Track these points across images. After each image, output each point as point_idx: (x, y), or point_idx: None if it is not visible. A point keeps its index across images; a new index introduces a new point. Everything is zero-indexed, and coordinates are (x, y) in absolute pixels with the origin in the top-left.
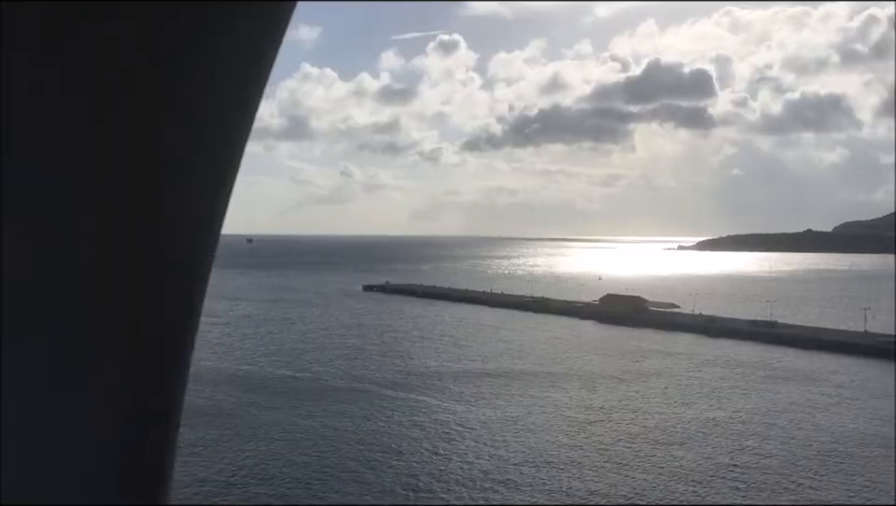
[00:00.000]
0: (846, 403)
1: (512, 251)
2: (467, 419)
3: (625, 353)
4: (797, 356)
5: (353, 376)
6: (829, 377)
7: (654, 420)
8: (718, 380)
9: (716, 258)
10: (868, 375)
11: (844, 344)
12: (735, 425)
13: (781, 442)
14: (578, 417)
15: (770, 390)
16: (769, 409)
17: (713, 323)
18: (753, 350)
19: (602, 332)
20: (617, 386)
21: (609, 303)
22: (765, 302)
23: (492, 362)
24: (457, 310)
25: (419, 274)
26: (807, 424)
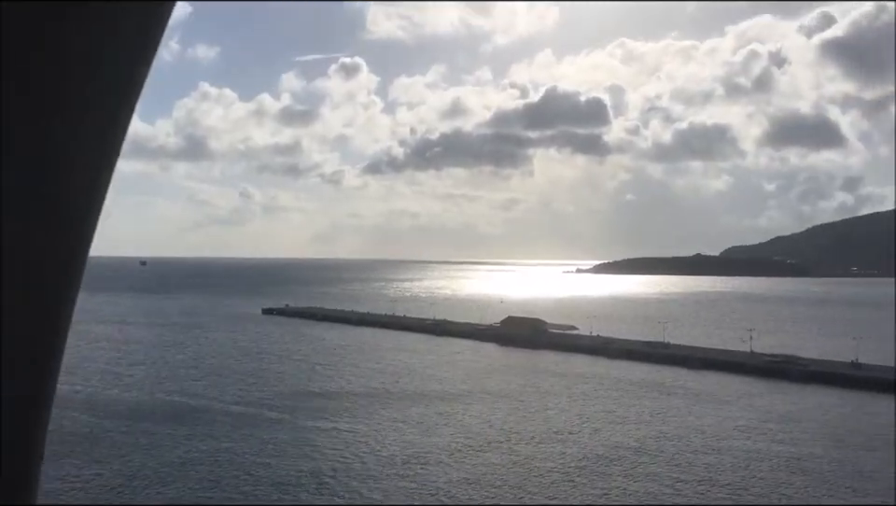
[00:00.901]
0: (730, 420)
1: (414, 274)
2: (361, 441)
3: (523, 374)
4: (688, 375)
5: (247, 401)
6: (717, 395)
7: (549, 440)
8: (612, 399)
9: (612, 280)
10: (752, 393)
11: (731, 364)
12: (629, 443)
13: (670, 460)
14: (474, 438)
15: (661, 409)
16: (660, 430)
17: (610, 344)
18: (647, 370)
19: (502, 354)
20: (513, 406)
21: (509, 326)
22: (659, 323)
23: (390, 384)
24: (359, 333)
25: (320, 297)
26: (696, 441)
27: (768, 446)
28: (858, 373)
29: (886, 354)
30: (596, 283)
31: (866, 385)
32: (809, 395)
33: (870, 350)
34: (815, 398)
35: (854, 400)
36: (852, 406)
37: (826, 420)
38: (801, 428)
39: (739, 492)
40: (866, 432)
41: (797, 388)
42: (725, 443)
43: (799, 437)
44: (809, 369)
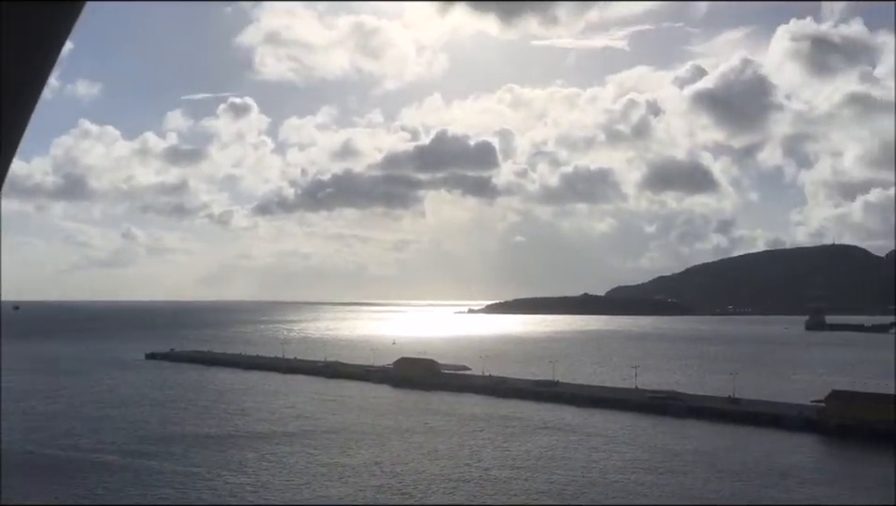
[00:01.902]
0: (616, 455)
1: (305, 316)
2: (234, 485)
3: (415, 415)
4: (577, 413)
5: (124, 451)
6: (603, 432)
7: (439, 480)
8: (503, 438)
9: (503, 320)
10: (637, 429)
11: (617, 401)
12: (519, 480)
13: (559, 494)
14: (364, 479)
15: (550, 446)
16: (548, 467)
17: (502, 384)
18: (538, 409)
19: (395, 396)
20: (403, 447)
21: (402, 367)
22: (549, 362)
23: (277, 427)
24: (248, 377)
25: (208, 341)
26: (582, 477)
27: (651, 478)
28: (735, 408)
29: (760, 389)
30: (488, 323)
31: (743, 419)
32: (689, 429)
33: (746, 385)
34: (694, 432)
35: (731, 434)
36: (730, 440)
37: (704, 453)
38: (680, 461)
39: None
40: (742, 464)
41: (679, 424)
42: (610, 477)
43: (679, 470)
44: (690, 405)
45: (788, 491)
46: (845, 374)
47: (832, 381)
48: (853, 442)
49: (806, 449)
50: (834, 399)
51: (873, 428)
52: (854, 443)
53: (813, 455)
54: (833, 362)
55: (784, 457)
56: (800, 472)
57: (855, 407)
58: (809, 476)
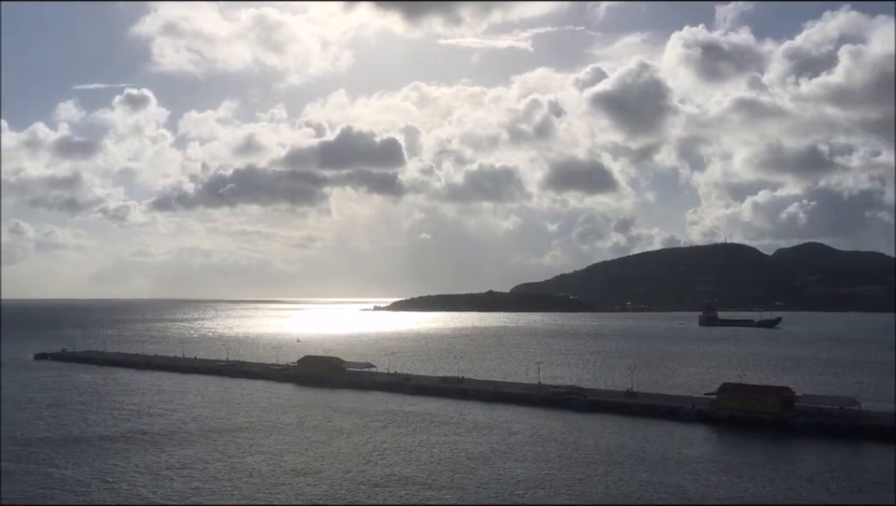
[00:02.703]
0: (517, 448)
1: (207, 314)
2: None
3: (319, 413)
4: (481, 409)
5: (12, 455)
6: (506, 427)
7: (340, 479)
8: (406, 435)
9: (409, 317)
10: (539, 423)
11: (520, 396)
12: (419, 476)
13: (459, 489)
14: (262, 478)
15: (453, 442)
16: (451, 462)
17: (407, 381)
18: (443, 405)
19: (299, 394)
20: (304, 445)
21: (306, 365)
22: (454, 358)
23: (175, 427)
24: (145, 378)
25: (102, 341)
26: (483, 472)
27: (553, 472)
28: (633, 402)
29: (657, 383)
30: (394, 320)
31: (640, 412)
32: (590, 423)
33: (644, 379)
34: (595, 425)
35: (629, 427)
36: (628, 432)
37: (603, 445)
38: (581, 453)
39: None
40: (639, 454)
41: (580, 417)
42: (510, 472)
43: (580, 461)
44: (591, 399)
45: (682, 479)
46: (735, 368)
47: (723, 374)
48: (742, 432)
49: (699, 439)
50: (725, 391)
51: (760, 419)
52: (743, 433)
53: (705, 444)
54: (724, 356)
55: (679, 448)
56: (693, 461)
57: (744, 399)
58: (701, 465)
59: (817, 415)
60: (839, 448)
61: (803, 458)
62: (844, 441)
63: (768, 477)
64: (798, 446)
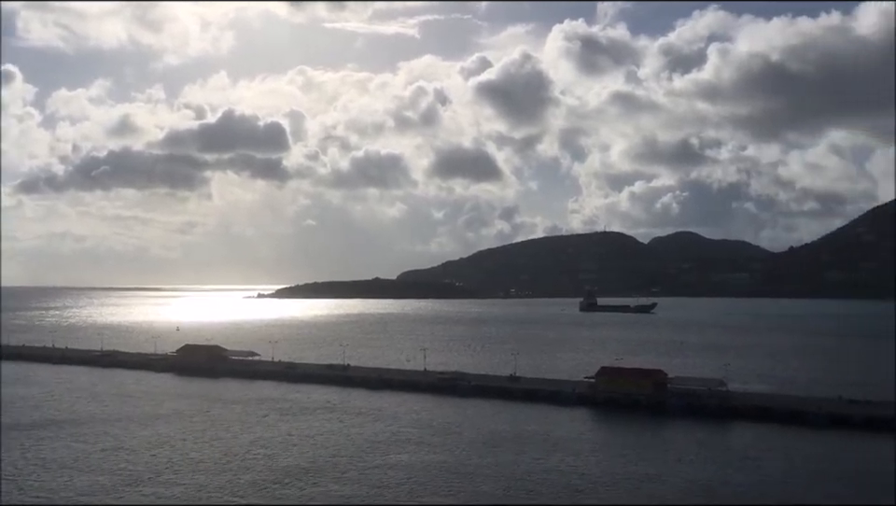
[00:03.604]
0: (402, 434)
1: (80, 302)
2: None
3: (199, 403)
4: (367, 395)
5: None
6: (392, 413)
7: (218, 469)
8: (288, 423)
9: (294, 305)
10: (424, 409)
11: (406, 383)
12: (302, 464)
13: (340, 477)
14: (137, 470)
15: (338, 429)
16: (335, 448)
17: (292, 369)
18: (328, 393)
19: (178, 384)
20: (183, 436)
21: (186, 355)
22: (339, 346)
23: (44, 418)
24: (12, 368)
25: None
26: (370, 458)
27: (433, 457)
28: (515, 386)
29: (539, 367)
30: (278, 308)
31: (523, 396)
32: (474, 407)
33: (526, 364)
34: (478, 410)
35: (512, 410)
36: (510, 415)
37: (486, 428)
38: (464, 437)
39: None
40: (521, 436)
41: (464, 402)
42: (393, 457)
43: (461, 444)
44: (475, 384)
45: (561, 460)
46: (613, 352)
47: (601, 358)
48: (619, 413)
49: (578, 421)
50: (603, 374)
51: (636, 400)
52: (620, 414)
53: (584, 426)
54: (603, 341)
55: (559, 429)
56: (571, 442)
57: (621, 382)
58: (578, 445)
59: (688, 396)
60: (708, 427)
61: (674, 437)
62: (712, 420)
63: (640, 455)
64: (670, 426)
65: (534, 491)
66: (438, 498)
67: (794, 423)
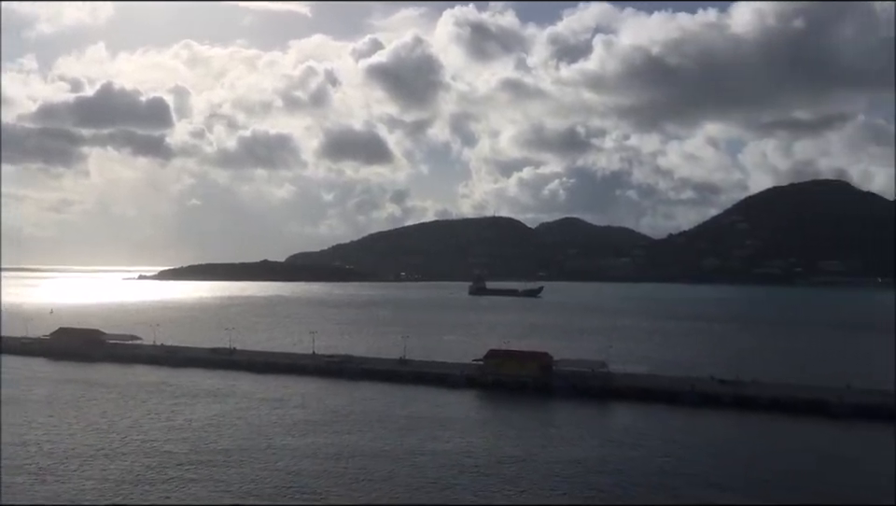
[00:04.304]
0: (287, 417)
1: None
2: None
3: (74, 388)
4: (254, 379)
5: None
6: (279, 397)
7: (93, 455)
8: (170, 408)
9: (178, 287)
10: (312, 392)
11: (295, 366)
12: (183, 450)
13: (226, 461)
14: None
15: (222, 413)
16: (219, 434)
17: (174, 353)
18: (213, 377)
19: (52, 369)
20: (54, 423)
21: (61, 338)
22: (225, 329)
23: None
24: None
25: None
26: (257, 441)
27: (318, 439)
28: (405, 369)
29: (428, 350)
30: (161, 290)
31: (412, 379)
32: (363, 390)
33: (416, 347)
34: (367, 393)
35: (401, 393)
36: (400, 398)
37: (375, 411)
38: (352, 419)
39: (291, 486)
40: (409, 418)
41: (353, 385)
42: (280, 441)
43: (349, 427)
44: (363, 367)
45: (446, 442)
46: (501, 335)
47: (490, 341)
48: (506, 395)
49: (466, 403)
50: (491, 357)
51: (523, 382)
52: (506, 396)
53: (471, 407)
54: (491, 324)
55: (447, 411)
56: (458, 423)
57: (508, 364)
58: (465, 426)
59: (572, 378)
60: (590, 407)
61: (558, 417)
62: (595, 400)
63: (524, 436)
64: (555, 407)
65: (420, 469)
66: (321, 482)
67: (670, 402)
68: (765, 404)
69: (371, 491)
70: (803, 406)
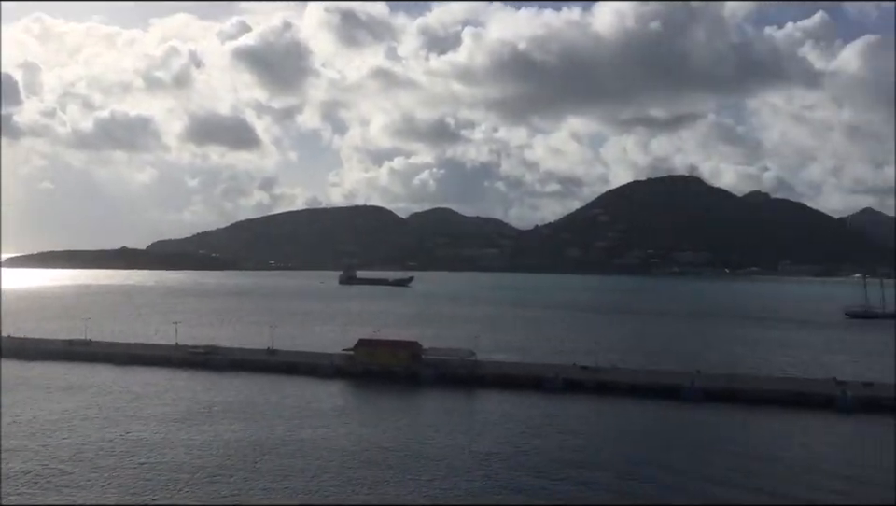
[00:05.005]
0: (148, 410)
1: None
2: None
3: None
4: (113, 372)
5: None
6: (139, 390)
7: None
8: (22, 405)
9: (28, 275)
10: (177, 385)
11: (157, 358)
12: (29, 448)
13: (78, 461)
14: None
15: (83, 409)
16: (71, 425)
17: (24, 345)
18: (69, 370)
19: None
20: None
21: None
22: (81, 319)
23: None
24: None
25: None
26: (103, 435)
27: (179, 432)
28: (273, 359)
29: (298, 340)
30: (9, 278)
31: (282, 369)
32: (229, 382)
33: (285, 337)
34: (234, 384)
35: (270, 384)
36: (268, 389)
37: (243, 402)
38: (214, 413)
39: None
40: (278, 408)
41: (219, 377)
42: (136, 434)
43: (208, 419)
44: (230, 358)
45: (313, 431)
46: (371, 324)
47: (360, 331)
48: (376, 385)
49: (336, 393)
50: (361, 347)
51: (392, 372)
52: (377, 385)
53: (341, 398)
54: (361, 314)
55: (316, 402)
56: (327, 414)
57: (378, 353)
58: (334, 416)
59: (440, 367)
60: (458, 395)
61: (426, 406)
62: (462, 388)
63: (392, 425)
64: (423, 395)
65: (286, 457)
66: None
67: (535, 389)
68: (625, 389)
69: (234, 483)
70: (659, 390)
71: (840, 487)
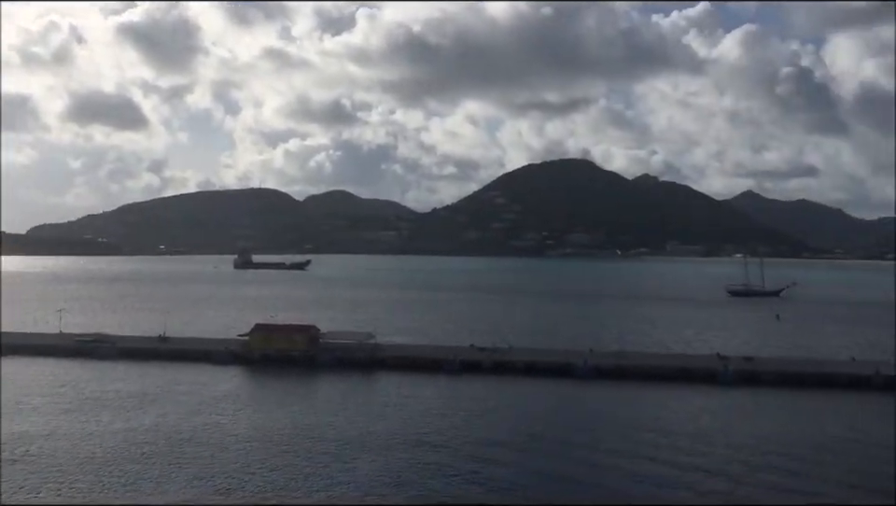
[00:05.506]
0: (30, 401)
1: None
2: None
3: None
4: None
5: None
6: (18, 381)
7: None
8: None
9: None
10: (63, 375)
11: (39, 347)
12: None
13: None
14: None
15: None
16: None
17: None
18: None
19: None
20: None
21: None
22: None
23: None
24: None
25: None
26: None
27: (67, 423)
28: (165, 347)
29: (191, 326)
30: None
31: (174, 357)
32: (118, 371)
33: (177, 324)
34: (124, 373)
35: (162, 372)
36: (160, 377)
37: (133, 392)
38: (103, 403)
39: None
40: (172, 396)
41: (107, 366)
42: (18, 428)
43: (95, 409)
44: (119, 346)
45: (208, 417)
46: (268, 309)
47: (256, 316)
48: (273, 370)
49: (233, 379)
50: (257, 331)
51: (290, 357)
52: (274, 371)
53: (236, 384)
54: (257, 298)
55: (210, 389)
56: (221, 400)
57: (274, 338)
58: (228, 403)
59: (339, 350)
60: (357, 378)
61: (324, 390)
62: (362, 372)
63: (289, 410)
64: (322, 379)
65: (178, 444)
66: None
67: (434, 371)
68: (521, 369)
69: (125, 473)
70: (554, 369)
71: (723, 453)
